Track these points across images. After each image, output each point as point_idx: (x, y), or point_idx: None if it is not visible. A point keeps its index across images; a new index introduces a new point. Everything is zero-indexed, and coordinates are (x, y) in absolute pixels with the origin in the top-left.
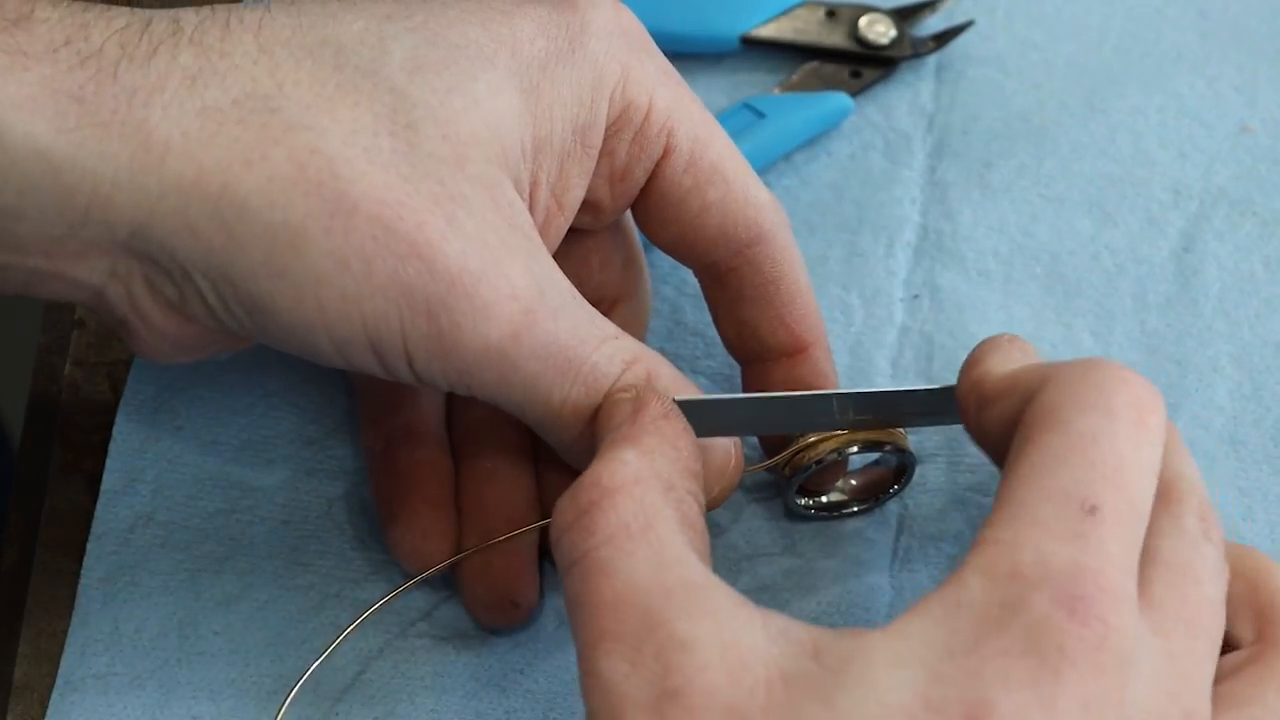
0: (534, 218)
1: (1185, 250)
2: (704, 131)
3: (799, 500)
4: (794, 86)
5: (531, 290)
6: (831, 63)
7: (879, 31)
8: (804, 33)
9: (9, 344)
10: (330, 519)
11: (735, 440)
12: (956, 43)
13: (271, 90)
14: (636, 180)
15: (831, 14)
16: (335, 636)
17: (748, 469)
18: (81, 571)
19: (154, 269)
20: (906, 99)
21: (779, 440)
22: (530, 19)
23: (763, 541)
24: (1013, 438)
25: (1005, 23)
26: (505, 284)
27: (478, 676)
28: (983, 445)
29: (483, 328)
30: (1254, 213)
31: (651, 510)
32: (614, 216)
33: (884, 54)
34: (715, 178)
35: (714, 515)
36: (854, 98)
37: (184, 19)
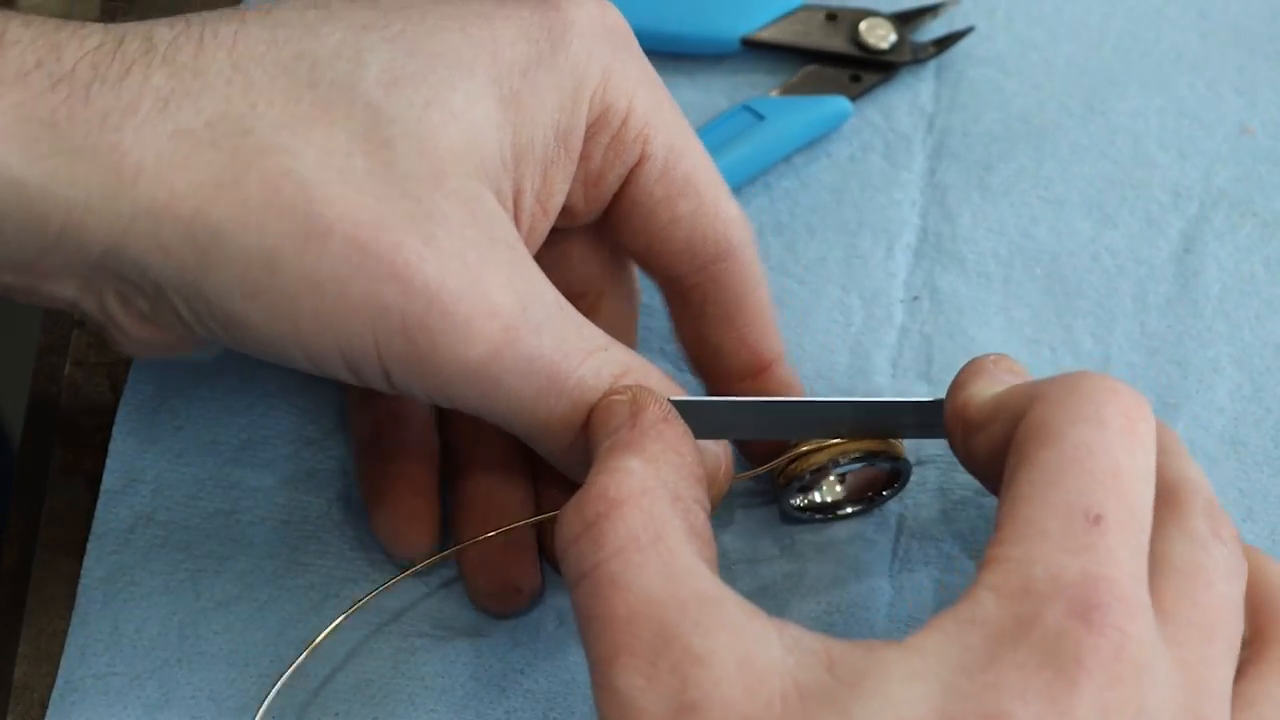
0: (519, 225)
1: (1185, 251)
2: (680, 142)
3: (793, 502)
4: (793, 89)
5: (513, 306)
6: (831, 66)
7: (879, 36)
8: (804, 36)
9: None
10: (330, 519)
11: (724, 444)
12: (957, 44)
13: (245, 111)
14: (610, 185)
15: (832, 17)
16: (334, 636)
17: (743, 476)
18: (81, 571)
19: (126, 285)
20: (906, 100)
21: (765, 449)
22: (511, 22)
23: (762, 544)
24: (1001, 462)
25: (1005, 23)
26: (485, 302)
27: (478, 676)
28: (971, 470)
29: (462, 347)
30: (1254, 213)
31: (660, 521)
32: (587, 219)
33: (884, 58)
34: (688, 189)
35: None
36: (853, 101)
37: (157, 35)
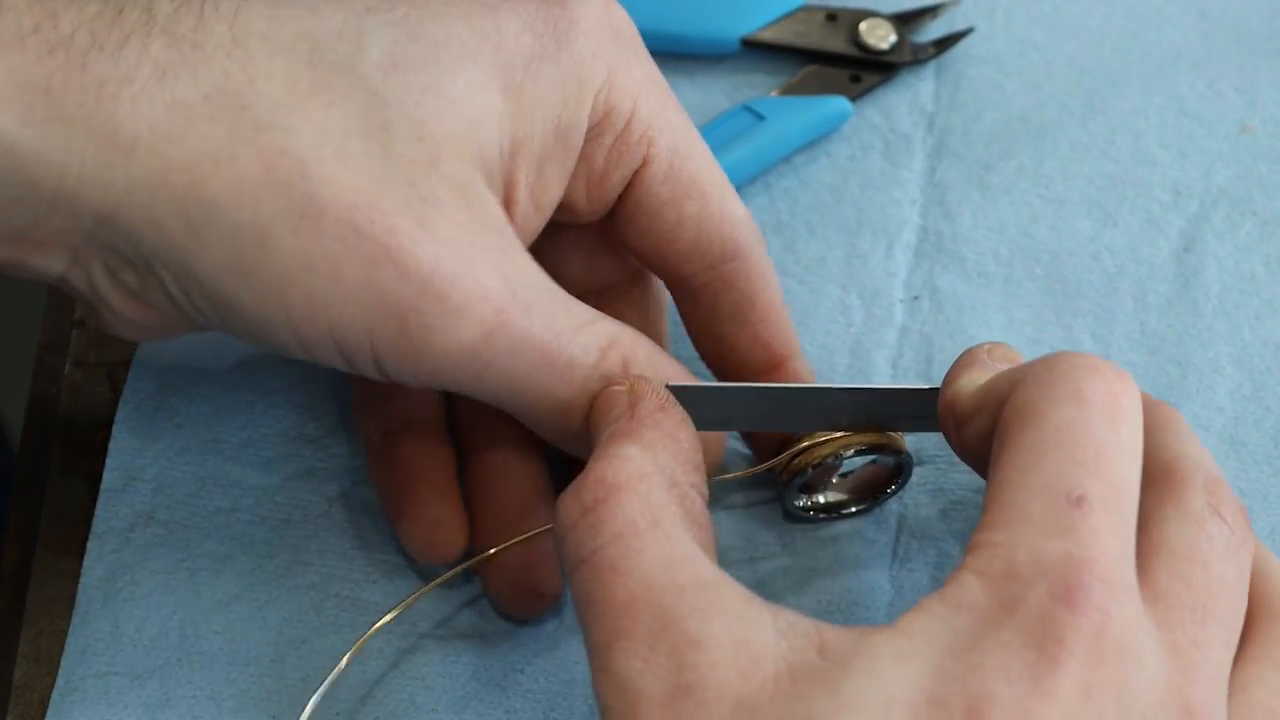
0: (512, 217)
1: (1185, 250)
2: (685, 143)
3: (796, 502)
4: (793, 89)
5: (503, 289)
6: (831, 66)
7: (879, 36)
8: (804, 36)
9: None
10: (330, 519)
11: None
12: (957, 44)
13: (243, 86)
14: (614, 186)
15: (832, 18)
16: (335, 636)
17: (746, 472)
18: (81, 571)
19: (116, 258)
20: (906, 100)
21: (771, 443)
22: (517, 14)
23: (763, 540)
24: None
25: (1005, 23)
26: (477, 286)
27: (478, 676)
28: (967, 461)
29: (455, 331)
30: (1254, 213)
31: (658, 506)
32: (592, 218)
33: (884, 59)
34: (693, 191)
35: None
36: (853, 102)
37: (158, 6)
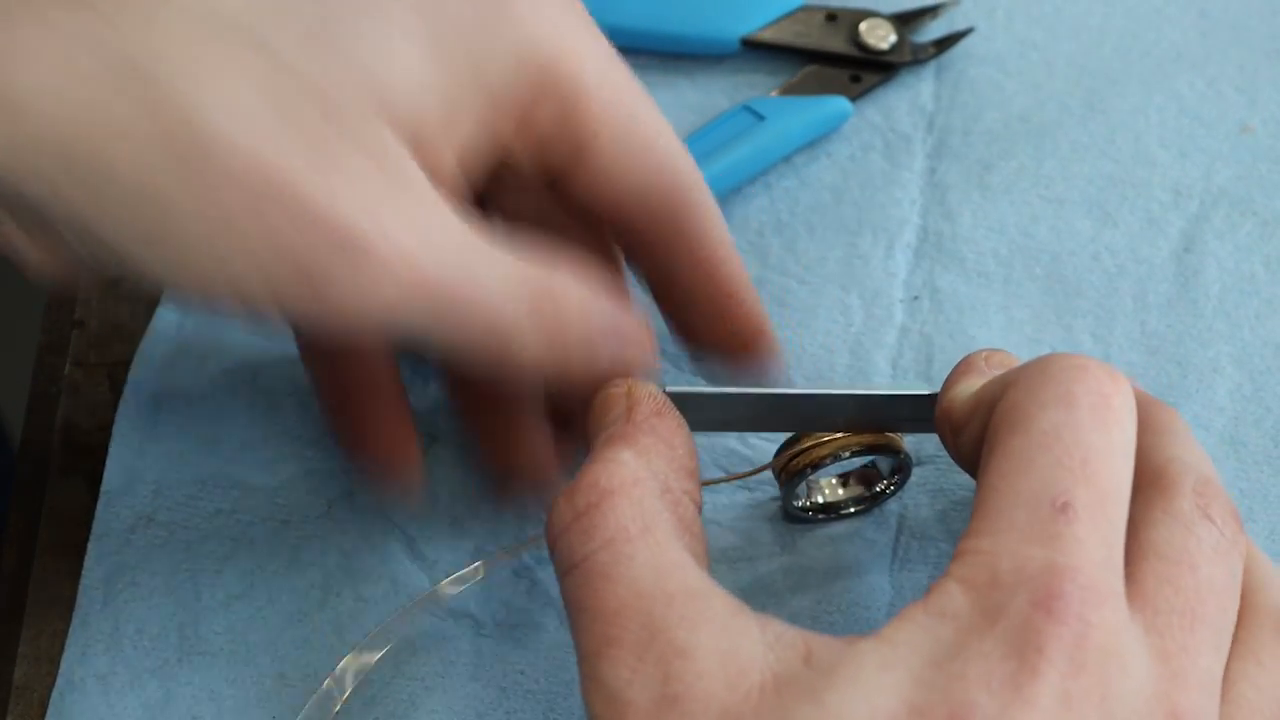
0: (438, 178)
1: (1185, 250)
2: (630, 103)
3: (796, 502)
4: (793, 89)
5: (414, 240)
6: (831, 66)
7: (879, 36)
8: (804, 36)
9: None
10: (330, 519)
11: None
12: (957, 44)
13: (147, 55)
14: (562, 154)
15: (832, 18)
16: (335, 637)
17: (744, 474)
18: (82, 572)
19: (24, 218)
20: (906, 100)
21: None
22: None
23: (762, 540)
24: None
25: (1005, 23)
26: (385, 240)
27: (478, 676)
28: (964, 468)
29: (365, 286)
30: (1254, 213)
31: (650, 513)
32: (537, 183)
33: (884, 59)
34: (645, 154)
35: (713, 514)
36: (853, 102)
37: None
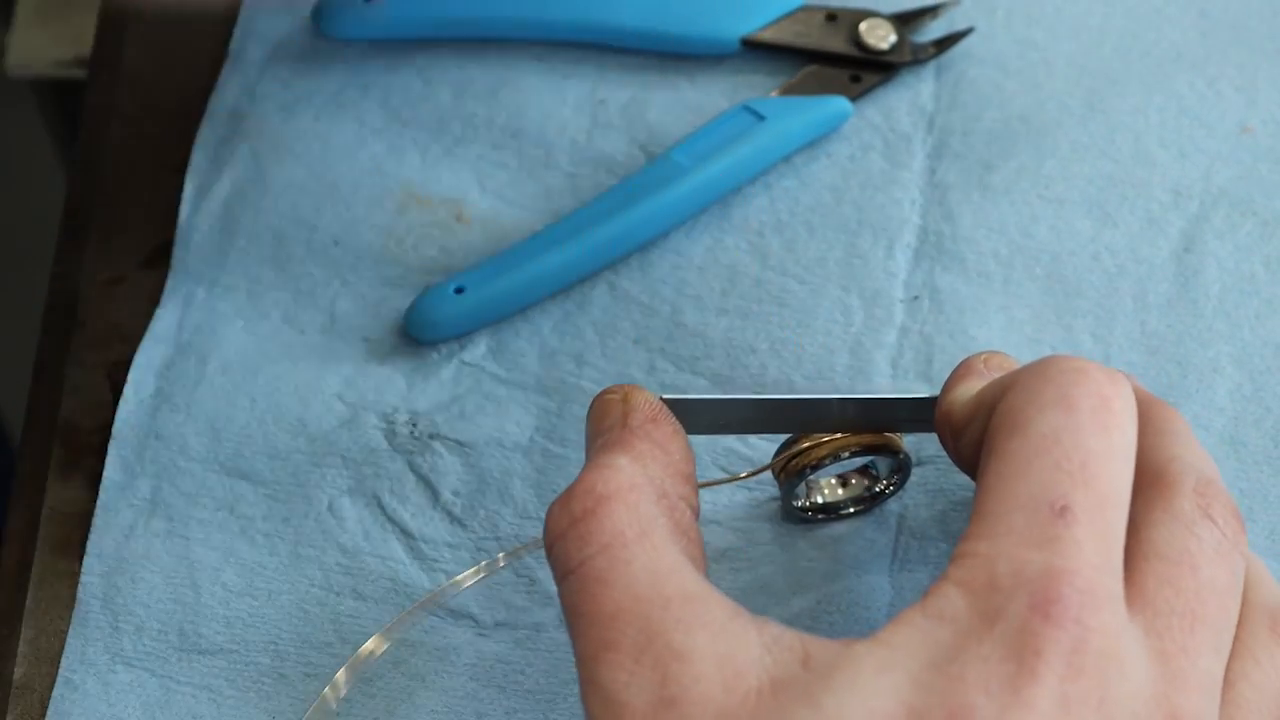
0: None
1: (1185, 251)
2: None
3: (796, 503)
4: (793, 89)
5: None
6: (831, 66)
7: (879, 36)
8: (804, 36)
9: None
10: (331, 517)
11: None
12: (957, 44)
13: None
14: None
15: (832, 18)
16: (336, 636)
17: (743, 476)
18: (81, 571)
19: None
20: (906, 100)
21: None
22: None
23: (763, 540)
24: None
25: (1005, 23)
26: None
27: (477, 677)
28: (965, 471)
29: None
30: (1254, 213)
31: (646, 518)
32: None
33: (884, 59)
34: None
35: (713, 514)
36: (853, 102)
37: None
